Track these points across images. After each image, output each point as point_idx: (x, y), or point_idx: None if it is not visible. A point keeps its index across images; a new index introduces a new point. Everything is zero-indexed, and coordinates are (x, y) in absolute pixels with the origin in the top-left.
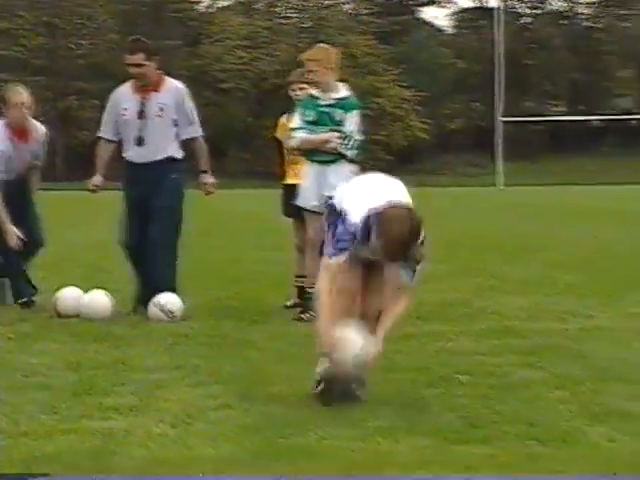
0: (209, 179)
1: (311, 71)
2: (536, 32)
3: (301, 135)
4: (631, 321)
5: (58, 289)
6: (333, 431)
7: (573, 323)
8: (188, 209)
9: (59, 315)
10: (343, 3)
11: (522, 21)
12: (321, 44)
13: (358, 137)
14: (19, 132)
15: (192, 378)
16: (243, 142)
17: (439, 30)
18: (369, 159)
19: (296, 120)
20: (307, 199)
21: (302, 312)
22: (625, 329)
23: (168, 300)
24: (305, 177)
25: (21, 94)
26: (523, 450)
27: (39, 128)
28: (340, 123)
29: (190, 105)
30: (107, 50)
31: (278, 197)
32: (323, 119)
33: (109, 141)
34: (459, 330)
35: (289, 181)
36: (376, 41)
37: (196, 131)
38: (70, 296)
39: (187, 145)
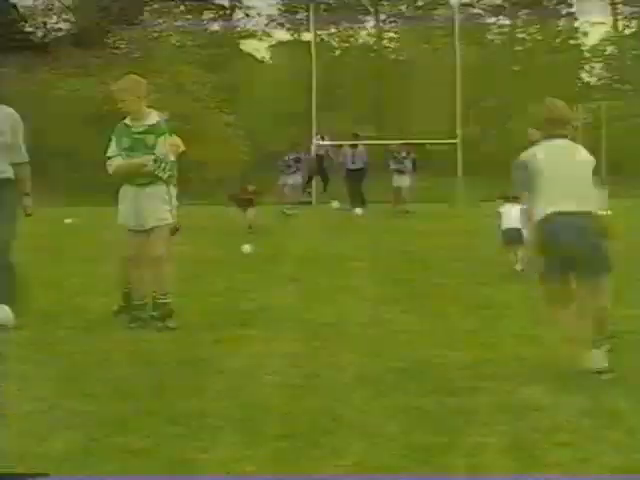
0: (29, 202)
1: (122, 101)
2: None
3: (118, 161)
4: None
5: None
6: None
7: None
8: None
9: None
10: (169, 35)
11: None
12: (131, 75)
13: (170, 159)
14: None
15: (19, 384)
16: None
17: (260, 61)
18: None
19: (112, 147)
20: (127, 219)
21: (132, 320)
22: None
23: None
24: (123, 199)
25: None
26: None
27: None
28: (153, 147)
29: (21, 131)
30: None
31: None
32: (137, 145)
33: None
34: (271, 335)
35: None
36: (201, 70)
37: (23, 156)
38: None
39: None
